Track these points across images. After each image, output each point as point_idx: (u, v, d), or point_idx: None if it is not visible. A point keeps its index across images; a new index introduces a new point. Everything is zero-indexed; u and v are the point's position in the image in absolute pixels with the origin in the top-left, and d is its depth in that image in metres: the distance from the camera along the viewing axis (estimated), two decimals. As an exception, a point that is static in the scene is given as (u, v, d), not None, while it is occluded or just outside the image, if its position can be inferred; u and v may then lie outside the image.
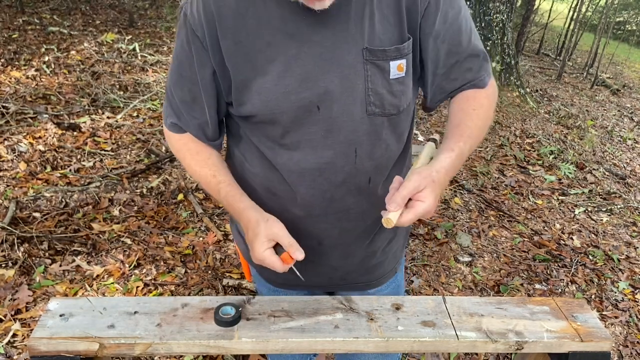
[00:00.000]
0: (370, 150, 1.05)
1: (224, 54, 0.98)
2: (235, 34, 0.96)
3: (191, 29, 0.98)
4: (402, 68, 1.00)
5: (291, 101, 0.98)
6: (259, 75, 0.97)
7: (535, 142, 5.02)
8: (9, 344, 2.07)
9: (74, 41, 5.89)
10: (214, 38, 0.97)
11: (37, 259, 2.53)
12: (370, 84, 0.99)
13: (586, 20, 10.13)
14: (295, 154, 1.04)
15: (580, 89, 7.78)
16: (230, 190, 1.06)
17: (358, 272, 1.23)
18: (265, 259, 0.97)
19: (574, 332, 1.03)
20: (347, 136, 1.02)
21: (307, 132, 1.02)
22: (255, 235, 0.98)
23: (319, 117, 1.00)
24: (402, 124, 1.09)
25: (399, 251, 1.32)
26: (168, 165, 3.57)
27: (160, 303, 1.05)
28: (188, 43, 1.00)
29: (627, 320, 2.69)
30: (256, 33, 0.96)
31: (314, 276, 1.21)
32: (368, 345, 1.00)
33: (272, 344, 0.99)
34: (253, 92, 0.99)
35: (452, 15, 1.02)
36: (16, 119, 3.81)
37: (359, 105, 1.00)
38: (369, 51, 0.97)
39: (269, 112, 1.00)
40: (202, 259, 2.72)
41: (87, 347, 0.94)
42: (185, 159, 1.12)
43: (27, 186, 3.08)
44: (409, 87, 1.05)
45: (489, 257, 3.09)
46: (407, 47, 1.00)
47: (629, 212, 3.92)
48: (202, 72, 1.01)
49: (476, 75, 1.09)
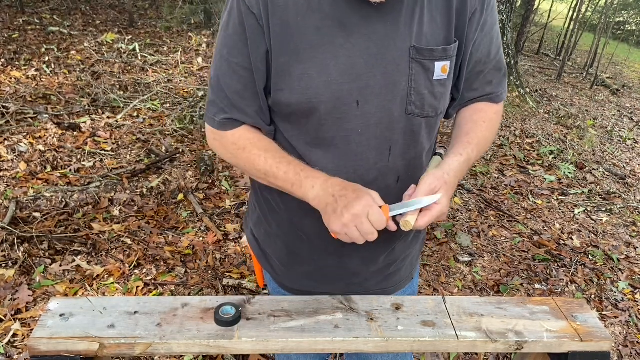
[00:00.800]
0: (404, 150, 1.04)
1: (270, 33, 0.94)
2: (284, 13, 0.92)
3: (246, 7, 0.93)
4: (445, 70, 0.99)
5: (332, 91, 0.95)
6: (302, 60, 0.94)
7: (535, 142, 5.03)
8: (9, 344, 2.08)
9: (74, 41, 5.89)
10: (267, 15, 0.93)
11: (37, 259, 2.53)
12: (413, 83, 0.98)
13: (586, 20, 10.13)
14: (330, 149, 1.02)
15: (580, 89, 7.78)
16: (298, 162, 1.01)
17: (377, 279, 1.22)
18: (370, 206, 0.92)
19: (574, 332, 1.03)
20: (383, 134, 1.00)
21: (343, 128, 0.99)
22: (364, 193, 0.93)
23: (358, 112, 0.98)
24: (436, 127, 1.09)
25: (415, 259, 1.31)
26: (168, 165, 3.57)
27: (160, 303, 1.05)
28: (241, 24, 0.94)
29: (626, 320, 2.69)
30: (305, 15, 0.92)
31: (333, 281, 1.20)
32: (368, 345, 1.00)
33: (272, 344, 0.99)
34: (294, 78, 0.95)
35: (489, 24, 1.02)
36: (16, 119, 3.81)
37: (398, 104, 0.99)
38: (416, 50, 0.95)
39: (306, 101, 0.96)
40: (202, 259, 2.72)
41: (87, 347, 0.94)
42: (246, 149, 1.03)
43: (27, 186, 3.08)
44: (449, 90, 1.05)
45: (488, 257, 3.09)
46: (453, 50, 0.99)
47: (629, 212, 3.92)
48: (255, 53, 0.96)
49: (495, 90, 1.10)
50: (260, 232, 1.25)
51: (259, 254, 1.28)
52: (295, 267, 1.21)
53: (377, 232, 0.93)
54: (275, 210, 1.16)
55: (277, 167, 1.00)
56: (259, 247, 1.27)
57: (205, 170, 3.50)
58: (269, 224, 1.20)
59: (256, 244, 1.28)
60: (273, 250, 1.23)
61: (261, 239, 1.25)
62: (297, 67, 0.95)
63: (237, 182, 3.47)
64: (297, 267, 1.20)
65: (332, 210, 0.94)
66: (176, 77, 5.18)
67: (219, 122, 1.04)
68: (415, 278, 1.36)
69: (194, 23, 7.54)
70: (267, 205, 1.18)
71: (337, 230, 0.94)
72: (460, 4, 0.98)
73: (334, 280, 1.20)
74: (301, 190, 0.99)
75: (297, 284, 1.23)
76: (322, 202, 0.96)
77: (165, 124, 4.14)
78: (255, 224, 1.26)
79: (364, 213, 0.92)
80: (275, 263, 1.24)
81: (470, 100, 1.11)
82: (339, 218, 0.93)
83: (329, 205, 0.95)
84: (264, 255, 1.27)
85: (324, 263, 1.17)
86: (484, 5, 1.00)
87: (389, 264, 1.21)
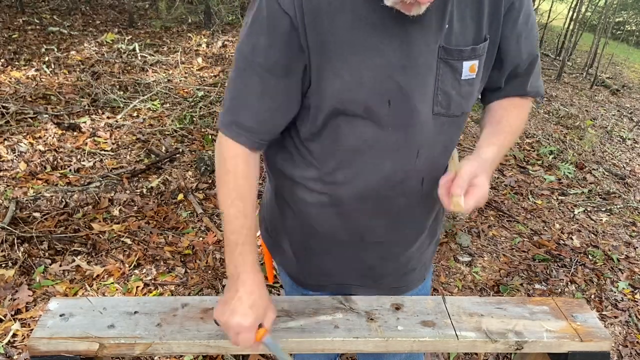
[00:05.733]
0: (430, 151, 1.03)
1: (307, 35, 0.90)
2: (317, 14, 0.90)
3: (279, 8, 0.89)
4: (474, 69, 0.98)
5: (364, 92, 0.94)
6: (334, 61, 0.92)
7: (534, 142, 5.03)
8: (9, 344, 2.07)
9: (74, 41, 5.89)
10: (302, 15, 0.89)
11: (37, 259, 2.53)
12: (440, 83, 0.97)
13: (586, 20, 10.13)
14: (357, 152, 1.01)
15: (580, 89, 7.78)
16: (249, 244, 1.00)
17: (392, 276, 1.21)
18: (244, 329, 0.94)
19: (574, 332, 1.03)
20: (412, 135, 1.00)
21: (374, 128, 0.98)
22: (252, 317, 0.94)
23: (389, 112, 0.96)
24: (461, 126, 1.08)
25: (429, 260, 1.31)
26: (168, 165, 3.57)
27: (160, 303, 1.05)
28: (273, 25, 0.91)
29: (626, 320, 2.69)
30: (339, 16, 0.90)
31: (348, 273, 1.19)
32: (368, 345, 1.00)
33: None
34: (325, 80, 0.94)
35: (532, 18, 1.02)
36: (16, 119, 3.81)
37: (427, 104, 0.98)
38: (445, 50, 0.94)
39: (338, 103, 0.95)
40: (202, 259, 2.72)
41: (87, 347, 0.94)
42: (229, 174, 1.00)
43: (27, 186, 3.08)
44: (476, 89, 1.03)
45: (488, 257, 3.09)
46: (483, 48, 0.98)
47: (629, 212, 3.92)
48: (287, 56, 0.93)
49: (537, 84, 1.11)
50: (274, 226, 1.24)
51: (273, 248, 1.28)
52: (310, 260, 1.20)
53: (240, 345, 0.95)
54: (290, 204, 1.16)
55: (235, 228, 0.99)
56: (273, 241, 1.27)
57: (205, 170, 3.50)
58: (284, 218, 1.19)
59: (269, 238, 1.27)
60: (288, 243, 1.22)
61: (275, 233, 1.25)
62: (328, 68, 0.93)
63: (237, 182, 3.47)
64: (312, 260, 1.20)
65: (224, 301, 0.96)
66: (176, 77, 5.18)
67: (227, 123, 1.01)
68: (427, 280, 1.35)
69: (194, 23, 7.54)
70: (281, 199, 1.18)
71: (214, 316, 0.97)
72: (493, 0, 0.96)
73: (351, 271, 1.19)
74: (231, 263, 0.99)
75: (311, 278, 1.23)
76: (228, 287, 0.98)
77: (165, 124, 4.14)
78: (269, 218, 1.26)
79: (235, 331, 0.94)
80: (290, 257, 1.23)
81: (519, 95, 1.11)
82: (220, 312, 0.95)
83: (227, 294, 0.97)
84: (277, 249, 1.27)
85: (340, 256, 1.17)
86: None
87: (405, 262, 1.20)
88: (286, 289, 1.36)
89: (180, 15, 7.38)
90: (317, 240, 1.16)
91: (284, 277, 1.31)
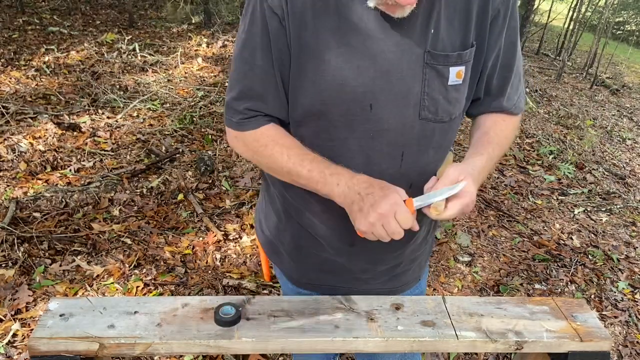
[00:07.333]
0: (417, 156, 1.03)
1: (291, 34, 0.93)
2: (302, 14, 0.92)
3: (269, 8, 0.92)
4: (460, 75, 0.98)
5: (345, 93, 0.95)
6: (316, 61, 0.94)
7: (534, 142, 5.03)
8: (9, 344, 2.08)
9: (74, 41, 5.89)
10: (288, 15, 0.92)
11: (37, 259, 2.53)
12: (427, 88, 0.97)
13: (585, 20, 10.13)
14: (341, 153, 1.01)
15: (580, 89, 7.78)
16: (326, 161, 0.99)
17: (384, 278, 1.22)
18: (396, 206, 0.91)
19: (574, 332, 1.03)
20: (396, 139, 1.00)
21: (355, 131, 0.99)
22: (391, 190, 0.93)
23: (370, 116, 0.97)
24: (451, 132, 1.08)
25: (424, 261, 1.31)
26: (168, 165, 3.57)
27: (160, 303, 1.05)
28: (264, 25, 0.94)
29: (626, 320, 2.69)
30: (323, 17, 0.92)
31: (339, 277, 1.20)
32: (368, 345, 1.00)
33: (272, 344, 0.99)
34: (308, 79, 0.95)
35: (513, 27, 1.02)
36: (16, 119, 3.81)
37: (412, 109, 0.98)
38: (431, 55, 0.94)
39: (319, 103, 0.96)
40: (202, 259, 2.72)
41: (87, 347, 0.94)
42: (267, 146, 1.01)
43: (27, 186, 3.08)
44: (464, 95, 1.04)
45: (488, 257, 3.09)
46: (469, 54, 0.98)
47: (629, 212, 3.92)
48: (278, 54, 0.95)
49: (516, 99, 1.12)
50: (270, 225, 1.25)
51: (268, 247, 1.29)
52: (304, 260, 1.21)
53: (403, 231, 0.92)
54: (285, 205, 1.17)
55: (301, 164, 0.99)
56: (268, 240, 1.28)
57: (205, 170, 3.50)
58: (279, 218, 1.21)
59: (265, 238, 1.29)
60: (282, 244, 1.23)
61: (271, 232, 1.26)
62: (310, 68, 0.94)
63: (237, 182, 3.47)
64: (305, 261, 1.21)
65: (358, 209, 0.93)
66: (176, 77, 5.18)
67: (237, 122, 1.03)
68: (422, 280, 1.35)
69: (194, 23, 7.54)
70: (277, 200, 1.19)
71: (364, 229, 0.93)
72: (482, 7, 0.96)
73: (342, 273, 1.20)
74: (325, 188, 0.98)
75: (305, 277, 1.24)
76: (348, 200, 0.95)
77: (165, 124, 4.14)
78: (266, 218, 1.27)
79: (391, 212, 0.90)
80: (284, 256, 1.25)
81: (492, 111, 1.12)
82: (365, 217, 0.91)
83: (354, 204, 0.94)
84: (272, 248, 1.28)
85: (332, 259, 1.18)
86: (507, 9, 0.98)
87: (397, 265, 1.21)
88: (282, 287, 1.37)
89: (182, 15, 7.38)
90: (309, 243, 1.17)
91: (280, 275, 1.33)
